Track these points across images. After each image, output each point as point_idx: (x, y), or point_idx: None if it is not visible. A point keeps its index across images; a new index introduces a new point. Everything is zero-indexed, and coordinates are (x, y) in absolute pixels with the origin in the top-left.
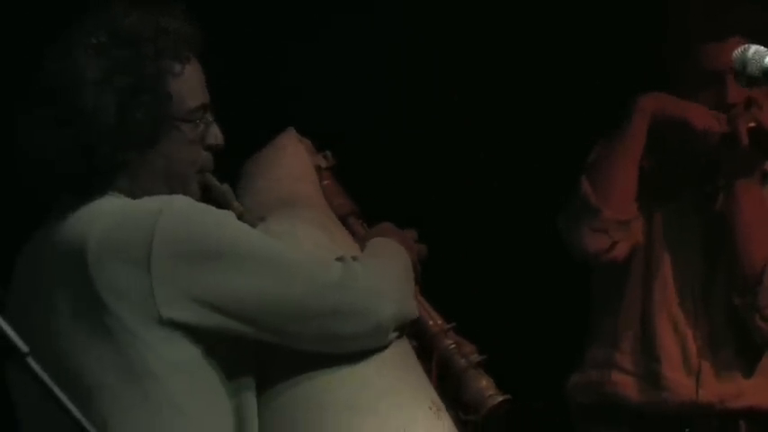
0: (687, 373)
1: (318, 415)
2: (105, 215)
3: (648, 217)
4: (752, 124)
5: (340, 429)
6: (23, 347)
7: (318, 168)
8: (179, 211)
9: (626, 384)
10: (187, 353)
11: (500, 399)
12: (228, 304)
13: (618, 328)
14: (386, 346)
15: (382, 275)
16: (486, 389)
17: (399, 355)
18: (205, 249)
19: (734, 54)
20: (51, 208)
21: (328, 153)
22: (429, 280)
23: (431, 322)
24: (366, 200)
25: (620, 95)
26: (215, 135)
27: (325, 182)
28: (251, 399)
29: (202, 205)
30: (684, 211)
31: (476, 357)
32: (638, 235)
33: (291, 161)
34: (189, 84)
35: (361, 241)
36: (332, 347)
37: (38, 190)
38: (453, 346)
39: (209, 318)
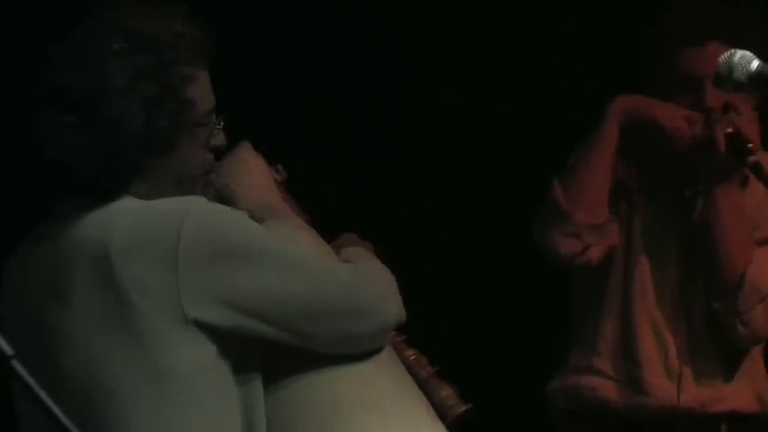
0: (668, 377)
1: (330, 411)
2: (128, 215)
3: (627, 220)
4: (729, 130)
5: (353, 425)
6: (8, 350)
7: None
8: (204, 211)
9: (607, 389)
10: (207, 352)
11: (463, 408)
12: (252, 305)
13: (598, 333)
14: (380, 349)
15: (381, 278)
16: (448, 398)
17: (391, 358)
18: (230, 250)
19: (720, 59)
20: (51, 208)
21: (280, 167)
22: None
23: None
24: (322, 212)
25: (600, 98)
26: (219, 137)
27: (282, 195)
28: (258, 396)
29: (224, 207)
30: (663, 216)
31: (431, 368)
32: (613, 239)
33: (256, 171)
34: (202, 88)
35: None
36: (345, 348)
37: (46, 191)
38: (413, 356)
39: (233, 318)
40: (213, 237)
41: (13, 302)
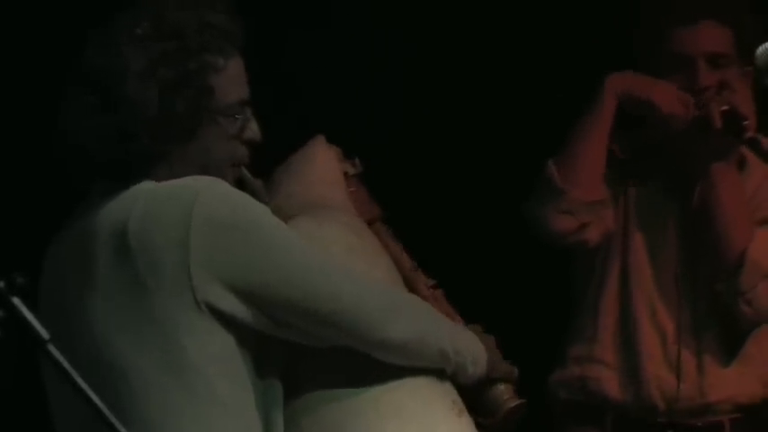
0: (667, 366)
1: (342, 415)
2: (145, 196)
3: (623, 205)
4: (725, 107)
5: (362, 428)
6: (44, 334)
7: (345, 175)
8: (218, 193)
9: (608, 379)
10: (223, 342)
11: (515, 403)
12: (257, 293)
13: (598, 323)
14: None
15: (401, 304)
16: (502, 392)
17: None
18: (236, 232)
19: (758, 51)
20: (84, 195)
21: (356, 160)
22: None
23: None
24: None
25: (594, 77)
26: (253, 130)
27: (352, 189)
28: (278, 395)
29: (240, 192)
30: (660, 199)
31: None
32: (609, 222)
33: (323, 168)
34: (230, 79)
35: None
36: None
37: (74, 176)
38: None
39: (233, 303)
40: (225, 220)
41: (49, 286)
